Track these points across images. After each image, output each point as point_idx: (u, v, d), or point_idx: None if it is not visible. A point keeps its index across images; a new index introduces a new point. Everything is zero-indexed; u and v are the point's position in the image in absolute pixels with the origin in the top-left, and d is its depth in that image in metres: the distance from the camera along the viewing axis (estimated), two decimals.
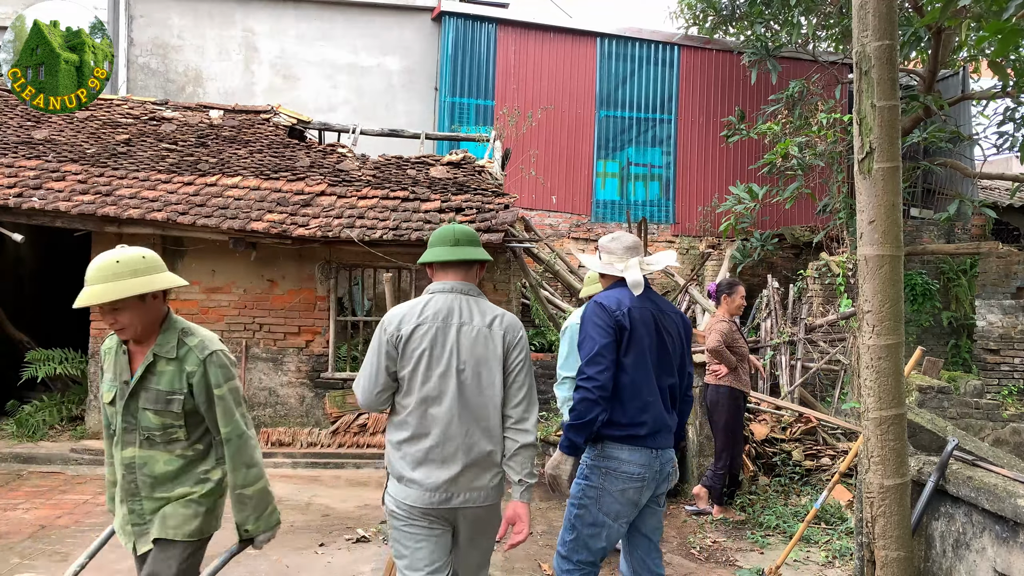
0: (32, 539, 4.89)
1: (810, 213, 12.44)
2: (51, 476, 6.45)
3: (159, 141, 8.53)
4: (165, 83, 11.75)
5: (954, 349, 11.41)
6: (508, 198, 7.96)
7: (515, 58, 12.22)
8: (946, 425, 3.88)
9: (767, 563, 4.89)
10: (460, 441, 2.61)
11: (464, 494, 2.62)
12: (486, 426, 2.66)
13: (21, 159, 7.63)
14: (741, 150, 12.62)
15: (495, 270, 7.89)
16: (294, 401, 7.61)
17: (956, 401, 7.37)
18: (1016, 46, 8.65)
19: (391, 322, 2.68)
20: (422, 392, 2.63)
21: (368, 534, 5.20)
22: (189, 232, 7.18)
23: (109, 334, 2.60)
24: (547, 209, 12.24)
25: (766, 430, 6.74)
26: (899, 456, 3.08)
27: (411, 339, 2.64)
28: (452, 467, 2.60)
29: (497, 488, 2.72)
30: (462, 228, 2.84)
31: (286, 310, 7.65)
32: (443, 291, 2.74)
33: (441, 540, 2.67)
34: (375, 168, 8.54)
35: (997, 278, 10.45)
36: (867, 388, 3.11)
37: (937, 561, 3.29)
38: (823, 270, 9.83)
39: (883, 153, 3.03)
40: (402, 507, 2.63)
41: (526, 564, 4.81)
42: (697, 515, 5.77)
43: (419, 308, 2.69)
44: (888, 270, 3.05)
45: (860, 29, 3.05)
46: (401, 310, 2.72)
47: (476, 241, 2.86)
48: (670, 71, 12.82)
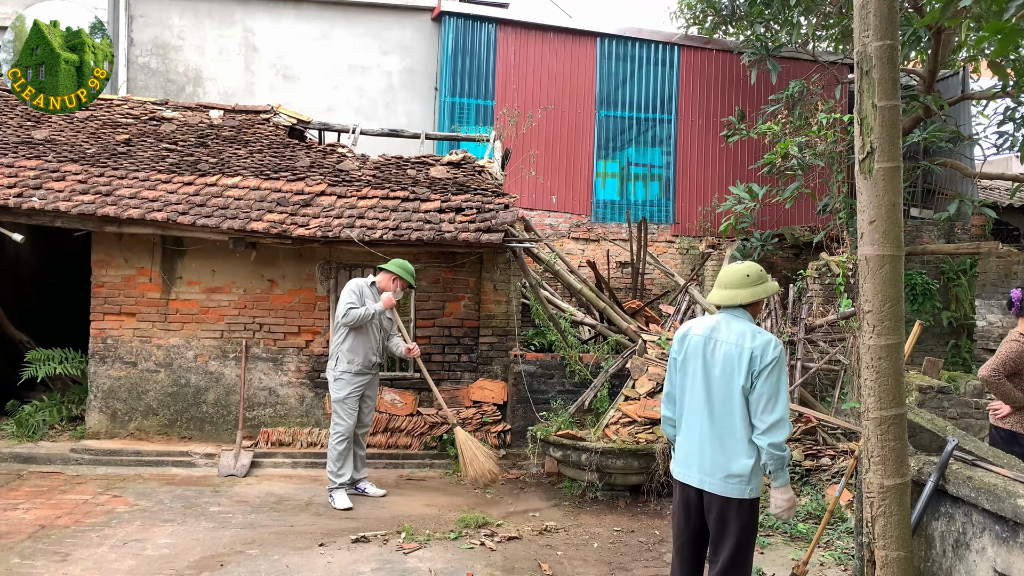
0: (32, 539, 4.89)
1: (810, 213, 12.44)
2: (51, 476, 6.45)
3: (159, 141, 8.53)
4: (165, 83, 11.75)
5: (954, 349, 11.40)
6: (508, 198, 7.96)
7: (515, 58, 12.21)
8: (946, 425, 3.87)
9: (767, 563, 4.90)
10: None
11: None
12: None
13: (21, 159, 7.62)
14: (741, 150, 12.61)
15: (495, 270, 7.90)
16: (294, 401, 7.61)
17: (956, 401, 7.36)
18: (1016, 46, 8.65)
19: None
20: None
21: (368, 534, 5.20)
22: (189, 232, 7.17)
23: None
24: (547, 209, 12.23)
25: None
26: (899, 456, 3.08)
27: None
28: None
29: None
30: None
31: (286, 310, 7.65)
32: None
33: None
34: (375, 168, 8.54)
35: (997, 278, 10.44)
36: (867, 388, 3.11)
37: (937, 561, 3.29)
38: (823, 270, 9.82)
39: (884, 153, 3.03)
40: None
41: (526, 564, 4.81)
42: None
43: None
44: (888, 270, 3.05)
45: (861, 29, 3.05)
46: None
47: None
48: (670, 71, 12.82)
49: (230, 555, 4.77)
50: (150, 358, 7.49)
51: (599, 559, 4.99)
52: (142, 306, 7.50)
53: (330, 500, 5.96)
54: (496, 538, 5.22)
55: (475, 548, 5.05)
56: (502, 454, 7.26)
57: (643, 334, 7.98)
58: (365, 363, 6.06)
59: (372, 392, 6.27)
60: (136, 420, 7.44)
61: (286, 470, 6.95)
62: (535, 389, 7.66)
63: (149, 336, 7.50)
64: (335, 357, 6.08)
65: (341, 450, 5.98)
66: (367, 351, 6.08)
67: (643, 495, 6.26)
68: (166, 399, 7.48)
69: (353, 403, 6.04)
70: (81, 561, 4.56)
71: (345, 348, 6.03)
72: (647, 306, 10.46)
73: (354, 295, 6.03)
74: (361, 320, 5.95)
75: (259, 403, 7.56)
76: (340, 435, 5.98)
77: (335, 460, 5.97)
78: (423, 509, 5.90)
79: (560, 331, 7.93)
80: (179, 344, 7.54)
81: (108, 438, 7.32)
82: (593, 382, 7.53)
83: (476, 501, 6.19)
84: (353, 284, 6.14)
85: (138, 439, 7.34)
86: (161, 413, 7.47)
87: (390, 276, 6.20)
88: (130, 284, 7.50)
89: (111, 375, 7.43)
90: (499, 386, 7.67)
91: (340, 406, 6.02)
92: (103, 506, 5.66)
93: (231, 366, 7.54)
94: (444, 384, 7.65)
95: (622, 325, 8.37)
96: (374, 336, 6.16)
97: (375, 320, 6.10)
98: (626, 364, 7.44)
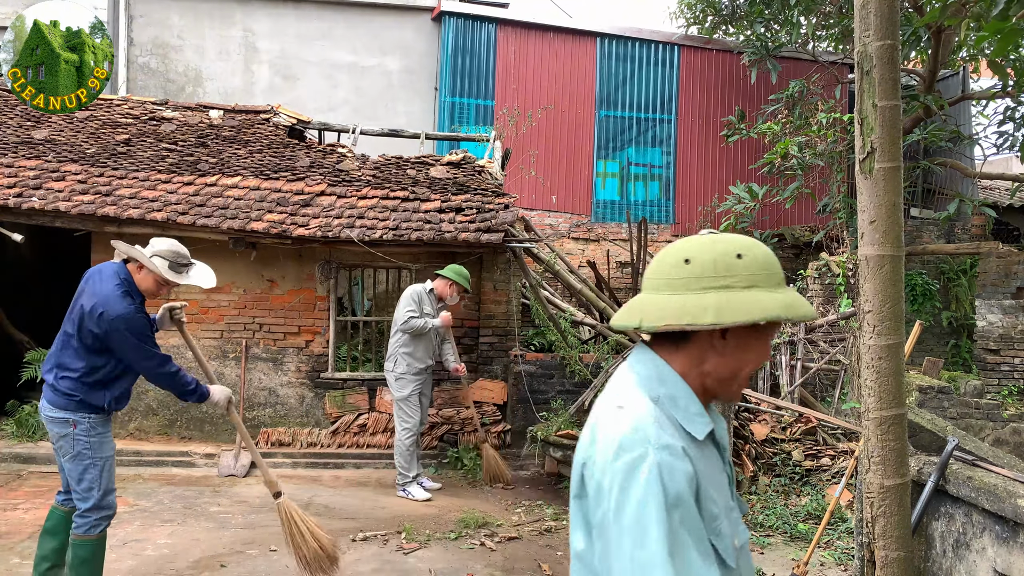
0: (32, 539, 4.88)
1: (810, 213, 12.44)
2: (51, 476, 6.44)
3: (159, 141, 8.52)
4: (165, 83, 11.74)
5: (954, 349, 11.41)
6: (508, 198, 7.96)
7: (515, 58, 12.21)
8: (946, 425, 3.87)
9: (767, 563, 4.90)
10: None
11: None
12: None
13: (21, 159, 7.62)
14: (741, 150, 12.61)
15: (495, 270, 7.89)
16: (294, 401, 7.61)
17: (956, 401, 7.36)
18: (1016, 46, 8.65)
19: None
20: None
21: (368, 534, 5.20)
22: (189, 232, 7.17)
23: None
24: (547, 209, 12.23)
25: (766, 430, 6.74)
26: (899, 456, 3.08)
27: None
28: None
29: None
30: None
31: (286, 310, 7.65)
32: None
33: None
34: (375, 168, 8.54)
35: (997, 278, 10.44)
36: (867, 388, 3.11)
37: (937, 561, 3.29)
38: (823, 270, 9.83)
39: (884, 153, 3.03)
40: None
41: (526, 564, 4.81)
42: None
43: None
44: (889, 270, 3.05)
45: (861, 29, 3.05)
46: None
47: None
48: (670, 71, 12.82)
49: (230, 555, 4.77)
50: None
51: None
52: None
53: (403, 494, 6.18)
54: (496, 538, 5.22)
55: (475, 548, 5.05)
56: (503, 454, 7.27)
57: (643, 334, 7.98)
58: (423, 364, 6.32)
59: (428, 391, 6.56)
60: (136, 420, 7.44)
61: (286, 470, 6.95)
62: (535, 389, 7.66)
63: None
64: (393, 359, 6.29)
65: (409, 445, 6.21)
66: (424, 354, 6.33)
67: None
68: (166, 399, 7.47)
69: (416, 400, 6.27)
70: None
71: (404, 351, 6.26)
72: None
73: (413, 303, 6.25)
74: (419, 331, 6.20)
75: (259, 403, 7.56)
76: (409, 431, 6.20)
77: (405, 456, 6.20)
78: (423, 509, 5.90)
79: (560, 331, 7.93)
80: (179, 344, 7.53)
81: None
82: (593, 382, 7.53)
83: (476, 501, 6.19)
84: (412, 291, 6.32)
85: (138, 439, 7.33)
86: (161, 413, 7.47)
87: (447, 282, 6.41)
88: None
89: None
90: (499, 386, 7.67)
91: (404, 404, 6.25)
92: None
93: (231, 366, 7.54)
94: (444, 384, 7.65)
95: None
96: (431, 339, 6.42)
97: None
98: None
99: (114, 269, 3.68)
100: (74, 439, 3.59)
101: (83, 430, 3.60)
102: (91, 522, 3.63)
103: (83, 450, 3.60)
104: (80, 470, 3.60)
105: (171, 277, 3.71)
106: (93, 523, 3.64)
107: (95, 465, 3.62)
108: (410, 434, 6.21)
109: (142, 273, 3.70)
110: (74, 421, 3.59)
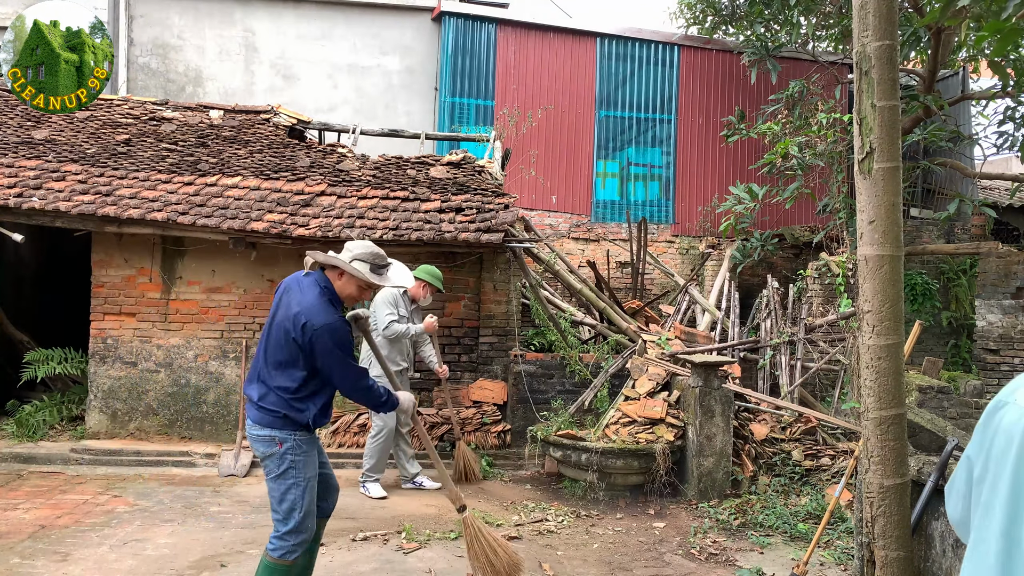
0: (32, 539, 4.89)
1: (810, 213, 12.44)
2: (51, 476, 6.45)
3: (159, 141, 8.53)
4: (165, 83, 11.74)
5: (954, 349, 11.40)
6: (508, 198, 7.96)
7: (515, 58, 12.21)
8: (946, 425, 3.87)
9: (767, 563, 4.90)
10: None
11: None
12: None
13: (21, 159, 7.62)
14: (741, 150, 12.61)
15: (495, 270, 7.89)
16: None
17: (956, 401, 7.35)
18: (1016, 46, 8.65)
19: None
20: None
21: (368, 534, 5.20)
22: (189, 232, 7.18)
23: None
24: (547, 209, 12.23)
25: (766, 430, 6.74)
26: (899, 456, 3.08)
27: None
28: None
29: None
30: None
31: None
32: None
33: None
34: (375, 168, 8.54)
35: (997, 278, 10.44)
36: (867, 388, 3.12)
37: (937, 561, 3.29)
38: (823, 270, 9.83)
39: (883, 153, 3.04)
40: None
41: (527, 564, 4.81)
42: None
43: None
44: (888, 270, 3.05)
45: (860, 29, 3.06)
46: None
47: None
48: (670, 71, 12.82)
49: (230, 555, 4.77)
50: (150, 358, 7.49)
51: (599, 559, 4.99)
52: (142, 306, 7.51)
53: (363, 491, 6.16)
54: None
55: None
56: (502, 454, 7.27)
57: (643, 334, 7.99)
58: (397, 368, 6.23)
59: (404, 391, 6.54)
60: (136, 420, 7.44)
61: None
62: (535, 389, 7.66)
63: (149, 336, 7.50)
64: (368, 361, 6.20)
65: (375, 447, 6.15)
66: (398, 356, 6.26)
67: (643, 495, 6.26)
68: (166, 399, 7.48)
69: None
70: (81, 561, 4.56)
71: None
72: (647, 306, 10.47)
73: (391, 307, 6.15)
74: (400, 336, 6.12)
75: None
76: (380, 429, 6.14)
77: (369, 455, 6.17)
78: (423, 509, 5.90)
79: (560, 331, 7.93)
80: (179, 344, 7.54)
81: (108, 438, 7.32)
82: (593, 382, 7.53)
83: (476, 501, 6.19)
84: (387, 295, 6.18)
85: (138, 439, 7.34)
86: (161, 413, 7.48)
87: (420, 283, 6.31)
88: (130, 284, 7.51)
89: (111, 375, 7.44)
90: (499, 386, 7.67)
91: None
92: (103, 506, 5.66)
93: (231, 366, 7.54)
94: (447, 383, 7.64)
95: (622, 325, 8.38)
96: (405, 343, 6.34)
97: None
98: (626, 364, 7.44)
99: (314, 278, 3.51)
100: (280, 458, 3.43)
101: (289, 448, 3.43)
102: (289, 547, 3.46)
103: (289, 468, 3.43)
104: (283, 490, 3.45)
105: (375, 280, 3.54)
106: (291, 548, 3.46)
107: (298, 485, 3.46)
108: (381, 438, 6.13)
109: (343, 280, 3.53)
110: (280, 440, 3.43)
